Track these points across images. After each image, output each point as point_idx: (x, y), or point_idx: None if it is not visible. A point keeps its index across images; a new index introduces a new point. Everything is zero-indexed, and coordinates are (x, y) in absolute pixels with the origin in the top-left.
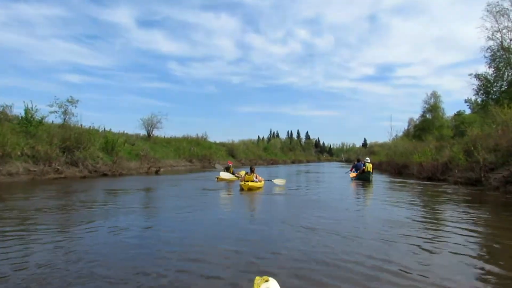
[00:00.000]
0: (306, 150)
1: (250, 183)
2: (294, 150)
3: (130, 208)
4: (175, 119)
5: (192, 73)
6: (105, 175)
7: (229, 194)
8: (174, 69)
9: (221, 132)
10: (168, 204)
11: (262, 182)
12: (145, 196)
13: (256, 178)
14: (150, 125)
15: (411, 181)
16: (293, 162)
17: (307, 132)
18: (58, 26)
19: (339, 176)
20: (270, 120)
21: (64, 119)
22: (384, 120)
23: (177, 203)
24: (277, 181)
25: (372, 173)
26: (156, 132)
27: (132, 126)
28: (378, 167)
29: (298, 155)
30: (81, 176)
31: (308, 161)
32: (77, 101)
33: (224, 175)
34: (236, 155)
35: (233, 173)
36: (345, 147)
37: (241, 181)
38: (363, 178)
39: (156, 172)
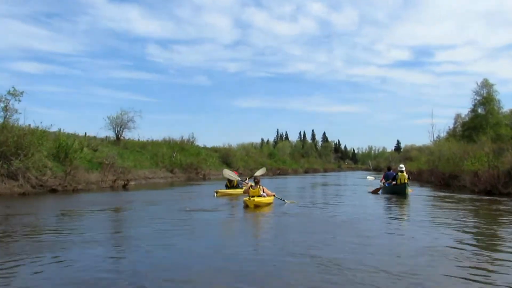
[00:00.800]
0: (323, 156)
1: (257, 199)
2: (308, 156)
3: (87, 236)
4: (154, 117)
5: (177, 60)
6: (54, 190)
7: (231, 215)
8: (154, 55)
9: (213, 133)
10: (143, 231)
11: (272, 197)
12: (109, 219)
13: (263, 192)
14: (119, 124)
15: (463, 195)
16: (306, 172)
17: (324, 133)
18: (8, 2)
19: (364, 189)
20: (277, 118)
21: (4, 117)
22: (423, 116)
23: (156, 228)
24: (290, 203)
25: (408, 184)
26: (127, 134)
27: (97, 127)
28: (417, 178)
29: (312, 162)
30: (20, 193)
31: (325, 170)
32: (22, 93)
33: (229, 173)
34: (233, 163)
35: (236, 186)
36: (373, 151)
37: (248, 196)
38: (397, 192)
39: (124, 186)
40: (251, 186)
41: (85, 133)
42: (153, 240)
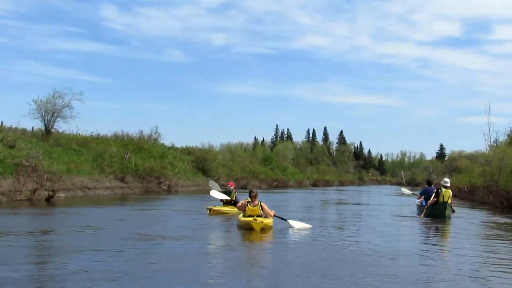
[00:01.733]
0: (339, 164)
1: (265, 220)
2: (318, 164)
3: None
4: (102, 105)
5: (142, 27)
6: None
7: (227, 245)
8: (111, 20)
9: (188, 129)
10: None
11: (272, 217)
12: (29, 248)
13: (263, 210)
14: (50, 112)
15: None
16: (314, 185)
17: (342, 133)
18: None
19: (394, 211)
20: (278, 111)
21: None
22: (476, 113)
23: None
24: (296, 224)
25: (450, 205)
26: (61, 126)
27: (18, 115)
28: (468, 196)
29: (324, 172)
30: None
31: (341, 184)
32: None
33: (219, 194)
34: (211, 169)
35: (235, 202)
36: (407, 159)
37: (243, 216)
38: (435, 214)
39: (49, 200)
40: (248, 202)
41: (1, 123)
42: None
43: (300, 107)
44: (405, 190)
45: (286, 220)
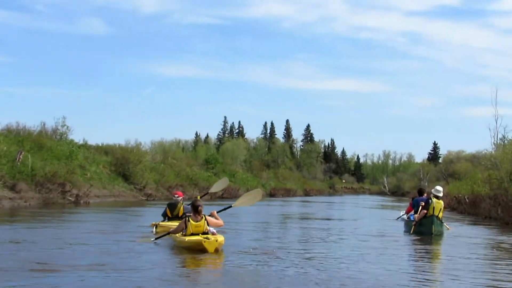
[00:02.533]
0: (305, 167)
1: (219, 238)
2: (277, 167)
3: None
4: None
5: None
6: None
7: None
8: None
9: (108, 122)
10: None
11: (221, 224)
12: None
13: (208, 224)
14: None
15: None
16: (272, 195)
17: (308, 127)
18: None
19: (377, 229)
20: (226, 98)
21: None
22: (479, 103)
23: None
24: (241, 203)
25: (441, 220)
26: None
27: None
28: (470, 209)
29: (285, 177)
30: None
31: (307, 193)
32: None
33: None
34: (134, 175)
35: (183, 216)
36: (391, 161)
37: (184, 234)
38: (423, 231)
39: None
40: (188, 217)
41: None
42: None
43: (256, 94)
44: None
45: (231, 206)
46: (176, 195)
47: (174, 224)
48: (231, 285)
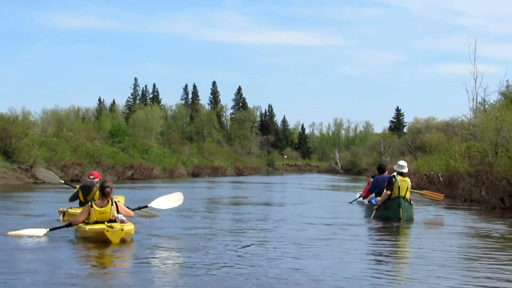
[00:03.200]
0: (237, 140)
1: (125, 227)
2: (202, 140)
3: None
4: None
5: None
6: None
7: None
8: None
9: None
10: None
11: (131, 214)
12: None
13: (118, 211)
14: None
15: None
16: (195, 175)
17: (240, 90)
18: None
19: (331, 214)
20: (137, 56)
21: None
22: (451, 60)
23: None
24: (158, 204)
25: (409, 201)
26: None
27: None
28: (445, 190)
29: (211, 153)
30: None
31: (240, 172)
32: None
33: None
34: (18, 151)
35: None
36: (343, 132)
37: (87, 223)
38: (388, 215)
39: None
40: (92, 201)
41: None
42: None
43: (174, 50)
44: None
45: (147, 206)
46: (91, 176)
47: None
48: None
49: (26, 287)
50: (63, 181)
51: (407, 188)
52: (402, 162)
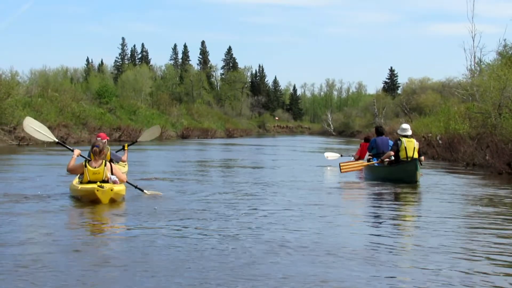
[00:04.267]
0: (227, 102)
1: (115, 187)
2: (192, 101)
3: None
4: None
5: None
6: None
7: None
8: None
9: None
10: None
11: (124, 183)
12: None
13: (111, 173)
14: None
15: None
16: (184, 136)
17: (230, 50)
18: None
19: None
20: (125, 14)
21: None
22: (446, 19)
23: None
24: (144, 137)
25: (419, 163)
26: None
27: None
28: (444, 153)
29: (201, 114)
30: None
31: (230, 133)
32: None
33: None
34: (1, 112)
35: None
36: (336, 93)
37: (81, 181)
38: (402, 176)
39: None
40: (86, 160)
41: None
42: None
43: (162, 9)
44: (331, 155)
45: (141, 190)
46: (99, 138)
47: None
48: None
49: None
50: (56, 140)
51: (414, 148)
52: (405, 125)
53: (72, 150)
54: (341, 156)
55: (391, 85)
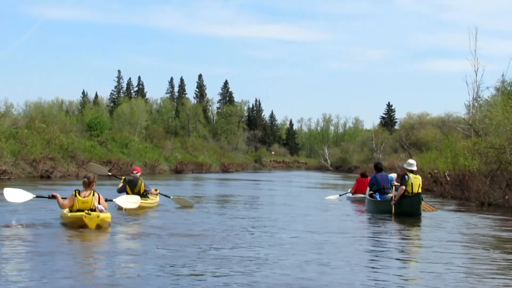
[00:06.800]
0: (223, 135)
1: (102, 215)
2: (188, 135)
3: None
4: None
5: None
6: None
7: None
8: None
9: None
10: None
11: (109, 213)
12: None
13: (99, 203)
14: None
15: None
16: (178, 171)
17: (226, 84)
18: None
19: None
20: (122, 49)
21: None
22: (443, 55)
23: None
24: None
25: (422, 198)
26: None
27: None
28: (453, 191)
29: (196, 148)
30: None
31: (226, 168)
32: None
33: (127, 200)
34: None
35: (144, 194)
36: (332, 128)
37: (69, 210)
38: (408, 210)
39: None
40: (77, 192)
41: None
42: None
43: (159, 42)
44: (330, 197)
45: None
46: (134, 171)
47: (141, 201)
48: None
49: None
50: (110, 173)
51: (419, 184)
52: (412, 161)
53: (120, 178)
54: (340, 196)
55: (388, 120)
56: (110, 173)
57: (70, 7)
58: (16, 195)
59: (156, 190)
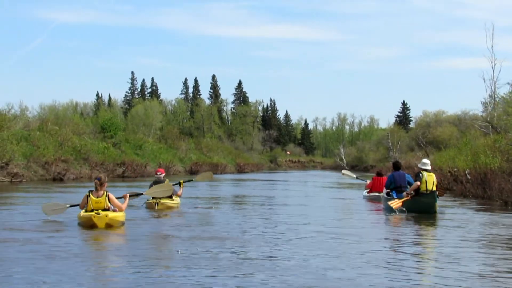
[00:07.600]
0: (238, 135)
1: (111, 214)
2: (202, 136)
3: None
4: None
5: None
6: None
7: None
8: None
9: None
10: None
11: (123, 212)
12: None
13: (110, 201)
14: None
15: None
16: (193, 172)
17: (240, 84)
18: None
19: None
20: (135, 50)
21: None
22: (456, 53)
23: None
24: (154, 191)
25: (437, 196)
26: None
27: None
28: (474, 190)
29: (211, 148)
30: None
31: (241, 168)
32: None
33: (157, 190)
34: None
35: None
36: (348, 127)
37: (85, 210)
38: (422, 207)
39: None
40: (90, 192)
41: None
42: None
43: (172, 44)
44: (347, 172)
45: (142, 194)
46: (158, 172)
47: (168, 200)
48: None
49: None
50: (68, 205)
51: (433, 182)
52: (426, 160)
53: (137, 195)
54: (356, 178)
55: (403, 119)
56: (68, 206)
57: (82, 11)
58: (53, 209)
59: (181, 182)
